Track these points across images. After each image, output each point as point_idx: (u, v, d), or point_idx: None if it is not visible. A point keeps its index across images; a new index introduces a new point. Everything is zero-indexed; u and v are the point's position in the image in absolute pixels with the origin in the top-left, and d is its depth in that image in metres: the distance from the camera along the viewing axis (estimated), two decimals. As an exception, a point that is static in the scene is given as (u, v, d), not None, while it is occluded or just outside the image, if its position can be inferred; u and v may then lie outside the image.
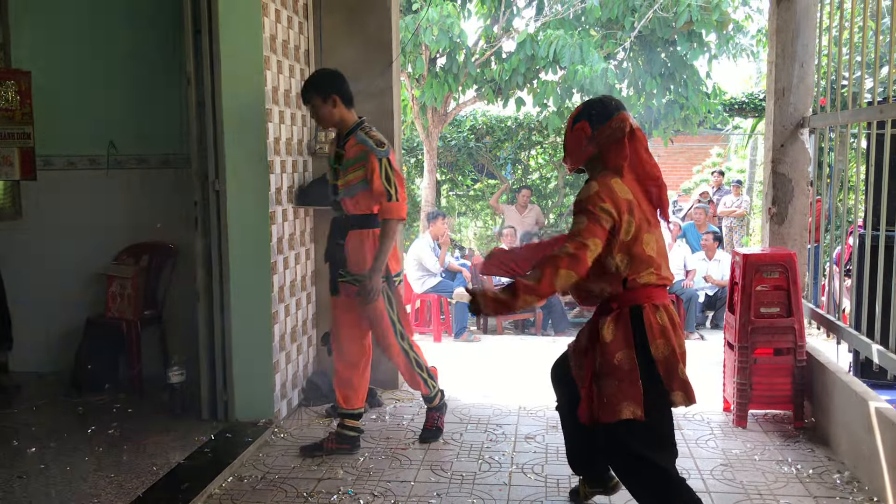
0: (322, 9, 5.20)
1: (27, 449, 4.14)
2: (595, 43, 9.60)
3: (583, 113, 2.98)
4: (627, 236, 2.85)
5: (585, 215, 2.81)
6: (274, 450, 4.25)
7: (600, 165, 2.96)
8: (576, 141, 2.98)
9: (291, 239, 4.95)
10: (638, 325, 2.86)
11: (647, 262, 2.88)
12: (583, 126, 2.95)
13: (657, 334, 2.86)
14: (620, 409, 2.83)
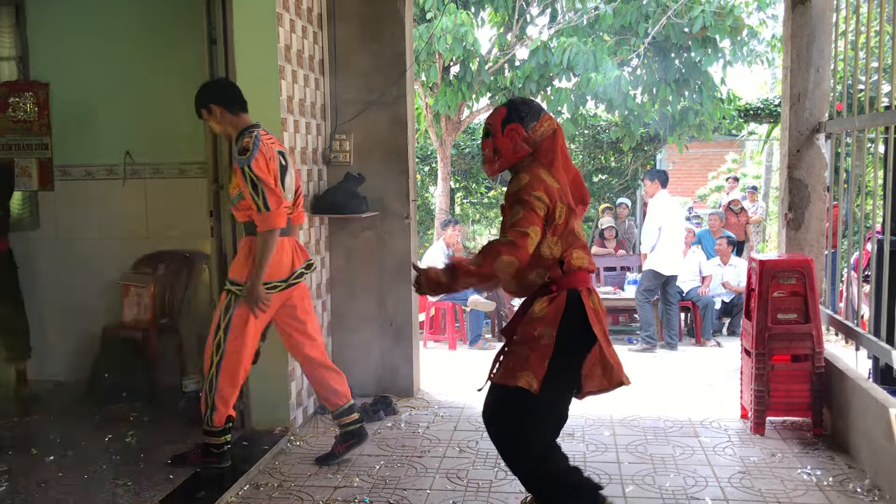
0: (336, 18, 5.23)
1: (46, 457, 4.17)
2: (609, 50, 9.60)
3: (512, 115, 3.04)
4: (560, 220, 2.94)
5: (521, 205, 2.87)
6: (290, 458, 4.26)
7: (530, 163, 3.02)
8: (510, 142, 3.02)
9: (307, 247, 4.96)
10: (570, 309, 2.92)
11: (579, 244, 2.98)
12: (516, 128, 3.01)
13: (591, 317, 2.94)
14: (518, 376, 2.89)
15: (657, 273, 7.93)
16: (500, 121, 3.06)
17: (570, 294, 2.93)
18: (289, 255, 3.95)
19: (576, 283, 2.95)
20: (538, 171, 2.94)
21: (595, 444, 4.46)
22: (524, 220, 2.83)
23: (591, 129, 12.61)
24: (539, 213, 2.86)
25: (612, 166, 13.11)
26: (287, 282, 3.93)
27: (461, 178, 13.57)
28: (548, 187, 2.90)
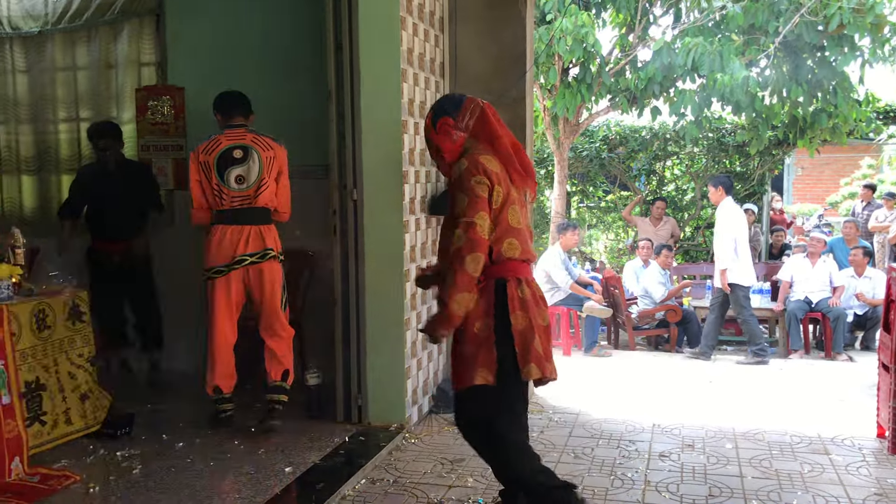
0: (457, 21, 5.26)
1: (176, 444, 4.38)
2: (736, 50, 9.24)
3: (439, 111, 3.18)
4: (496, 205, 3.00)
5: (464, 193, 2.96)
6: (405, 454, 4.31)
7: (473, 147, 3.10)
8: (446, 135, 3.14)
9: (423, 248, 5.02)
10: (500, 298, 3.01)
11: (512, 232, 3.04)
12: (445, 121, 3.14)
13: (517, 307, 3.02)
14: (474, 375, 2.99)
15: (741, 286, 7.59)
16: (430, 121, 3.19)
17: (498, 284, 3.02)
18: (231, 244, 4.49)
19: (504, 273, 3.03)
20: (477, 156, 3.03)
21: (716, 456, 4.30)
22: (469, 207, 2.94)
23: (716, 132, 12.18)
24: (482, 194, 2.96)
25: (738, 171, 12.63)
26: (229, 267, 4.48)
27: (578, 182, 13.40)
28: (486, 169, 2.99)
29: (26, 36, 6.20)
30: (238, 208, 4.50)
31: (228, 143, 4.53)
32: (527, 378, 3.04)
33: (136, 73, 5.97)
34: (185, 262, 5.80)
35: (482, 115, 3.16)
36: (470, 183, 2.96)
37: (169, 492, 3.71)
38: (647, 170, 12.87)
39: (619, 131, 12.88)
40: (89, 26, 6.04)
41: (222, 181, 4.47)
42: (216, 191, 4.49)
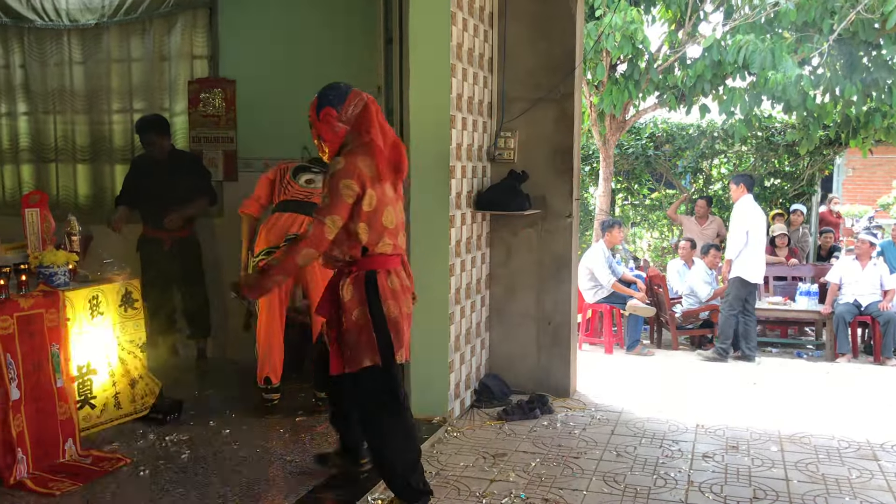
0: (507, 17, 5.26)
1: (223, 430, 4.46)
2: (789, 47, 9.07)
3: (323, 101, 3.31)
4: (370, 208, 3.22)
5: (330, 193, 3.18)
6: (447, 447, 4.34)
7: (353, 141, 3.28)
8: (328, 126, 3.30)
9: (468, 243, 5.04)
10: (371, 287, 3.24)
11: (387, 233, 3.29)
12: (328, 111, 3.29)
13: (388, 296, 3.26)
14: (361, 358, 3.25)
15: (745, 281, 7.63)
16: (314, 110, 3.33)
17: (368, 275, 3.25)
18: (284, 226, 4.60)
19: (374, 265, 3.27)
20: (355, 158, 3.21)
21: (761, 458, 4.25)
22: (329, 207, 3.16)
23: (765, 130, 11.98)
24: (347, 200, 3.17)
25: (787, 170, 12.41)
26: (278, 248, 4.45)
27: (623, 179, 13.29)
28: (360, 174, 3.18)
29: (83, 28, 6.33)
30: (299, 200, 4.67)
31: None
32: (399, 361, 3.32)
33: (189, 66, 6.07)
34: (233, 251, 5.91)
35: (365, 109, 3.31)
36: (338, 185, 3.17)
37: (216, 477, 3.79)
38: (694, 168, 12.72)
39: (665, 129, 12.75)
40: (144, 19, 6.16)
41: (294, 179, 4.74)
42: (285, 185, 4.72)
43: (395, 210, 3.37)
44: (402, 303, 3.32)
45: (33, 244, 4.24)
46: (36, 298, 3.81)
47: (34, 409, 3.75)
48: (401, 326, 3.30)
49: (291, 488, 3.66)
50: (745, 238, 7.54)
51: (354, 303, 3.25)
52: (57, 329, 3.92)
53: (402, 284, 3.36)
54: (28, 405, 3.71)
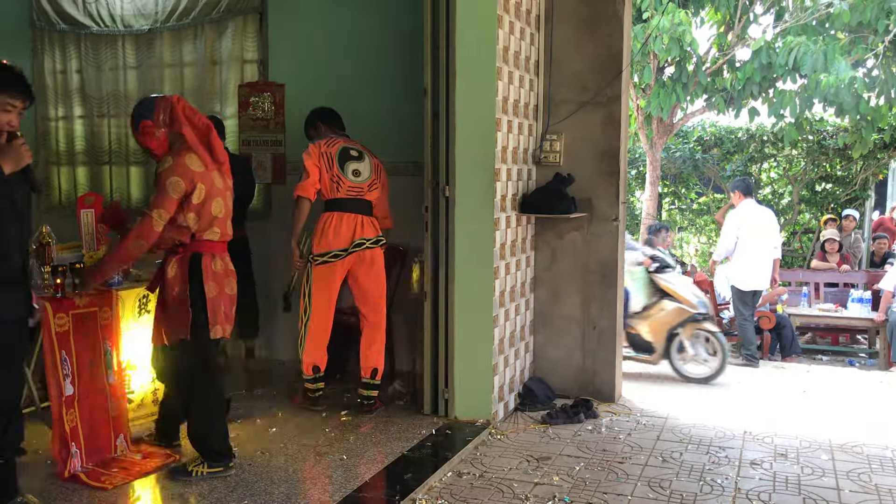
0: (554, 20, 5.26)
1: (269, 428, 4.53)
2: (842, 49, 8.90)
3: (137, 116, 3.69)
4: (199, 200, 3.63)
5: (158, 189, 3.58)
6: (491, 450, 4.35)
7: (176, 141, 3.66)
8: (149, 136, 3.66)
9: (513, 245, 5.04)
10: (196, 269, 3.65)
11: (216, 222, 3.71)
12: (145, 123, 3.66)
13: (210, 277, 3.68)
14: (175, 331, 3.68)
15: (737, 289, 7.59)
16: (132, 127, 3.71)
17: (194, 257, 3.66)
18: (349, 229, 4.72)
19: (201, 248, 3.69)
20: (183, 157, 3.60)
21: (811, 467, 4.17)
22: (156, 203, 3.56)
23: (816, 134, 11.75)
24: (173, 196, 3.56)
25: (838, 175, 12.16)
26: (346, 251, 4.71)
27: (670, 183, 13.15)
28: (187, 171, 3.59)
29: (137, 34, 6.49)
30: (353, 198, 4.76)
31: (345, 144, 4.85)
32: (214, 336, 3.71)
33: (240, 70, 6.17)
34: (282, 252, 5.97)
35: (172, 110, 3.66)
36: (165, 182, 3.57)
37: (263, 475, 3.84)
38: (742, 172, 12.54)
39: (714, 132, 12.59)
40: (196, 24, 6.28)
41: (342, 171, 4.74)
42: (335, 179, 4.73)
43: (225, 200, 3.78)
44: (223, 284, 3.75)
45: (88, 244, 4.34)
46: (91, 297, 3.91)
47: (87, 404, 3.85)
48: (218, 305, 3.71)
49: (337, 486, 3.70)
50: (733, 245, 7.54)
51: (177, 281, 3.67)
52: (110, 327, 4.02)
53: (225, 268, 3.79)
54: (81, 401, 3.81)
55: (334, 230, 4.70)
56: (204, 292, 3.67)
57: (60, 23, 6.72)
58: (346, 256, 4.72)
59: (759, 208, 7.81)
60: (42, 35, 6.81)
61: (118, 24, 6.55)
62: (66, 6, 6.66)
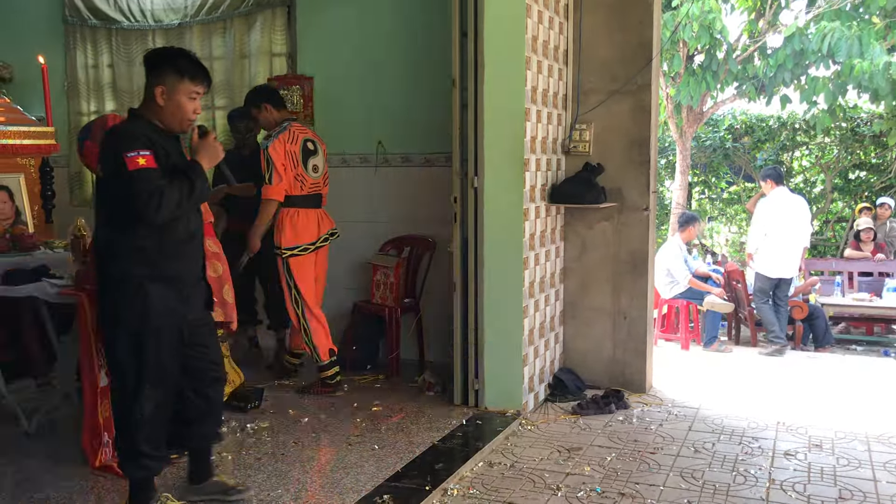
0: (583, 9, 5.22)
1: (301, 419, 4.57)
2: (877, 34, 8.75)
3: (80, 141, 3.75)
4: None
5: None
6: (521, 440, 4.35)
7: None
8: (94, 156, 3.46)
9: (542, 236, 5.02)
10: None
11: None
12: (87, 145, 3.69)
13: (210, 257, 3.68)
14: None
15: (762, 276, 7.63)
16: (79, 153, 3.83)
17: None
18: (315, 223, 4.94)
19: None
20: None
21: (847, 458, 4.12)
22: None
23: (850, 121, 11.57)
24: None
25: (873, 162, 11.96)
26: (315, 245, 4.94)
27: (700, 172, 13.03)
28: None
29: (167, 28, 6.55)
30: (313, 194, 4.98)
31: (302, 136, 4.94)
32: None
33: (269, 63, 6.20)
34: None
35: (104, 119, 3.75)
36: None
37: (296, 464, 3.88)
38: (774, 161, 12.38)
39: (744, 120, 12.45)
40: (225, 18, 6.32)
41: (305, 170, 4.90)
42: (300, 178, 4.86)
43: None
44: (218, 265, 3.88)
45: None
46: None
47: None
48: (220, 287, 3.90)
49: (369, 476, 3.72)
50: (762, 235, 7.56)
51: None
52: None
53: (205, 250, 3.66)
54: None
55: (303, 226, 4.90)
56: None
57: (91, 18, 6.80)
58: (314, 250, 4.97)
59: (790, 196, 7.76)
60: (74, 31, 6.90)
61: (148, 19, 6.61)
62: (98, 2, 6.74)
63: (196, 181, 3.04)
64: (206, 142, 3.15)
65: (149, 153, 2.94)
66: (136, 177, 2.89)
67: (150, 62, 3.13)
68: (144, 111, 3.12)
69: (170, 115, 3.08)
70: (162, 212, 2.92)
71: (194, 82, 3.07)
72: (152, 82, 3.08)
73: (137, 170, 2.90)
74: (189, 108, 3.07)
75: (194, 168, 3.08)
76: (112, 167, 2.98)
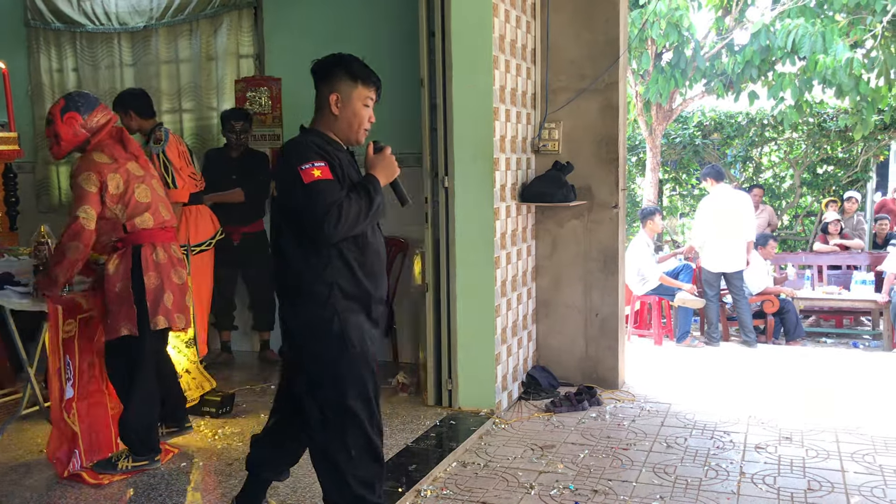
0: (550, 7, 5.23)
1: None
2: (840, 30, 8.85)
3: (70, 105, 3.60)
4: (118, 190, 3.62)
5: (74, 190, 3.57)
6: (495, 439, 4.35)
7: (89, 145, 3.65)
8: (70, 128, 3.58)
9: (513, 235, 5.03)
10: (136, 261, 3.63)
11: (142, 207, 3.68)
12: (73, 116, 3.58)
13: (150, 268, 3.65)
14: (119, 328, 3.62)
15: (705, 269, 7.80)
16: (58, 110, 3.59)
17: (135, 249, 3.64)
18: (209, 219, 5.26)
19: (140, 240, 3.66)
20: (91, 155, 3.61)
21: (816, 449, 4.17)
22: (76, 202, 3.53)
23: (817, 116, 11.71)
24: (90, 189, 3.54)
25: (839, 157, 12.12)
26: (214, 238, 5.30)
27: (671, 169, 13.12)
28: (97, 165, 3.58)
29: (133, 31, 6.45)
30: (200, 191, 5.21)
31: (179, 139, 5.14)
32: (155, 328, 3.68)
33: (236, 65, 6.14)
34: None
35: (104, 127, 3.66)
36: (79, 181, 3.56)
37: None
38: (744, 157, 12.50)
39: (713, 117, 12.54)
40: (191, 20, 6.25)
41: (196, 168, 5.19)
42: (193, 176, 5.06)
43: (150, 186, 3.77)
44: (168, 274, 3.73)
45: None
46: (94, 298, 3.86)
47: (86, 405, 3.84)
48: (160, 296, 3.69)
49: (341, 479, 3.69)
50: (706, 230, 7.72)
51: (118, 277, 3.65)
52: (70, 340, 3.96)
53: (170, 257, 3.78)
54: (80, 402, 3.80)
55: (206, 222, 5.24)
56: (143, 284, 3.65)
57: (55, 21, 6.70)
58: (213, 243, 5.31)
59: (732, 193, 8.05)
60: (37, 34, 6.78)
61: (113, 22, 6.52)
62: (61, 4, 6.63)
63: (375, 196, 2.79)
64: (383, 156, 2.90)
65: (324, 164, 2.71)
66: (311, 189, 2.66)
67: (320, 71, 2.93)
68: (317, 124, 2.90)
69: (346, 124, 2.87)
70: (340, 227, 2.67)
71: (368, 87, 2.90)
72: (324, 91, 2.88)
73: (314, 182, 2.67)
74: (365, 115, 2.89)
75: (373, 182, 2.82)
76: (289, 184, 2.72)
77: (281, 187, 2.80)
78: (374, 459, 2.85)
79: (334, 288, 2.75)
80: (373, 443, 2.83)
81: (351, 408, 2.77)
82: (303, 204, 2.68)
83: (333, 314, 2.75)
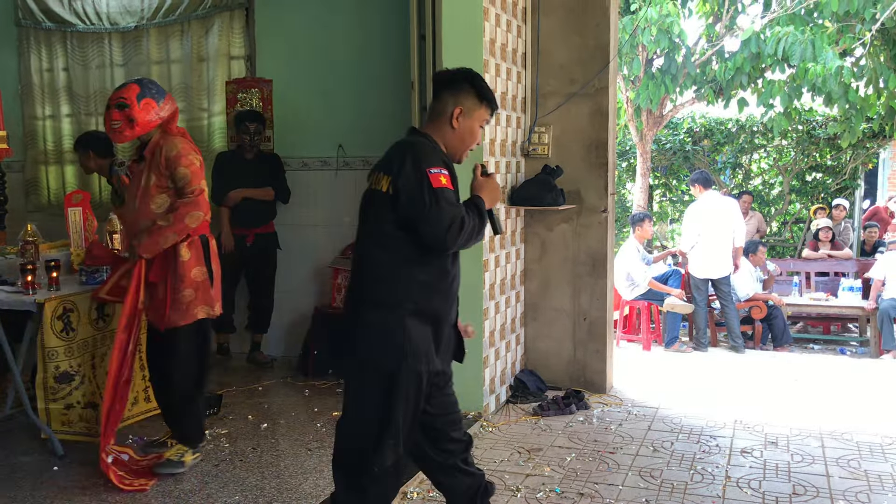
0: (540, 12, 5.25)
1: (260, 424, 4.52)
2: (829, 38, 8.90)
3: (146, 91, 3.63)
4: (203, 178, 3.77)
5: (184, 169, 3.64)
6: (482, 442, 4.35)
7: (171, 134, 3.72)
8: (146, 114, 3.60)
9: (503, 238, 5.04)
10: (206, 250, 3.78)
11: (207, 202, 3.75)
12: (150, 102, 3.61)
13: (214, 256, 3.83)
14: (196, 312, 3.72)
15: (692, 276, 7.86)
16: (135, 95, 3.60)
17: (202, 238, 3.77)
18: None
19: (204, 230, 3.79)
20: (182, 140, 3.71)
21: (801, 454, 4.20)
22: (193, 180, 3.65)
23: (806, 124, 11.77)
24: (200, 168, 3.71)
25: (828, 164, 12.18)
26: None
27: (661, 175, 13.16)
28: (194, 147, 3.76)
29: (124, 31, 6.45)
30: None
31: None
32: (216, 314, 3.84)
33: (227, 66, 6.14)
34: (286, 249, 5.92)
35: (174, 115, 3.75)
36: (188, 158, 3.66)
37: (255, 470, 3.84)
38: (733, 163, 12.56)
39: (704, 123, 12.59)
40: (182, 21, 6.25)
41: None
42: None
43: None
44: (215, 263, 3.84)
45: (76, 242, 4.34)
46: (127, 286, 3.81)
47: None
48: (219, 284, 3.86)
49: (328, 481, 3.67)
50: (695, 237, 7.77)
51: (193, 262, 3.71)
52: None
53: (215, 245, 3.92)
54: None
55: None
56: (213, 271, 3.79)
57: (46, 21, 6.69)
58: None
59: (719, 199, 8.07)
60: (28, 33, 6.77)
61: (104, 22, 6.52)
62: (52, 4, 6.62)
63: (485, 217, 2.72)
64: (490, 181, 2.82)
65: (447, 172, 2.64)
66: (439, 195, 2.57)
67: (448, 80, 2.81)
68: (430, 130, 2.79)
69: (459, 140, 2.78)
70: (459, 240, 2.60)
71: (488, 110, 2.80)
72: (448, 101, 2.76)
73: (441, 188, 2.57)
74: (478, 136, 2.80)
75: (481, 204, 2.73)
76: (412, 183, 2.59)
77: (400, 184, 2.62)
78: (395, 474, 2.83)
79: (408, 297, 2.67)
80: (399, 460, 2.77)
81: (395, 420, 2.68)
82: (427, 207, 2.57)
83: (400, 325, 2.66)
